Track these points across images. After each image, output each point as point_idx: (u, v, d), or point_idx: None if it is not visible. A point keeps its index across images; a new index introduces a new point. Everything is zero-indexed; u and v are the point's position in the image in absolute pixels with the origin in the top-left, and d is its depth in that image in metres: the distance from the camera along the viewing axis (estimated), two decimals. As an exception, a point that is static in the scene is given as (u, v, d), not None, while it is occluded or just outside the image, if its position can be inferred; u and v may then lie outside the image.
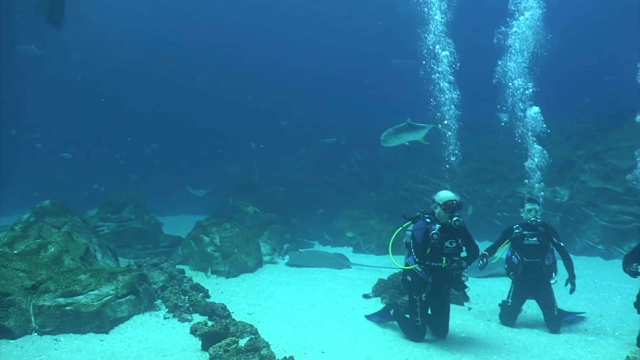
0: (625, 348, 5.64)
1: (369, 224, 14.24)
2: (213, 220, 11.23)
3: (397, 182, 18.14)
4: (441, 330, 6.06)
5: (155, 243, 11.68)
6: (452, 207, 5.70)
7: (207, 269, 9.35)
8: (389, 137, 8.18)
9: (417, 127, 8.09)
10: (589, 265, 11.52)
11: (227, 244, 9.87)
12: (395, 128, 8.17)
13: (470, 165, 17.00)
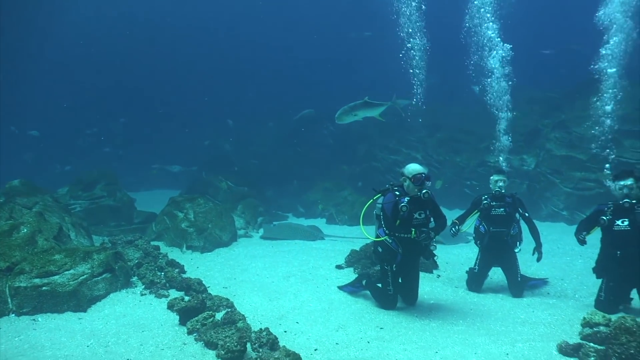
0: (583, 310, 5.96)
1: (341, 196, 14.44)
2: (186, 195, 11.27)
3: (369, 153, 18.33)
4: (411, 298, 6.32)
5: (128, 220, 11.67)
6: (420, 180, 5.89)
7: (182, 245, 9.43)
8: (343, 115, 8.25)
9: (373, 105, 8.19)
10: (553, 231, 11.94)
11: (201, 219, 9.95)
12: (351, 105, 8.25)
13: (440, 135, 17.26)
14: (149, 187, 20.96)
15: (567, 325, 5.61)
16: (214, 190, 14.60)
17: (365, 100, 8.24)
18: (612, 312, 5.94)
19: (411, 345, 5.06)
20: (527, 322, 5.74)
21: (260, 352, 4.59)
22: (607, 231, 6.04)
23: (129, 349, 4.82)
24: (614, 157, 12.23)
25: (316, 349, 4.94)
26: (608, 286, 6.15)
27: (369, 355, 4.79)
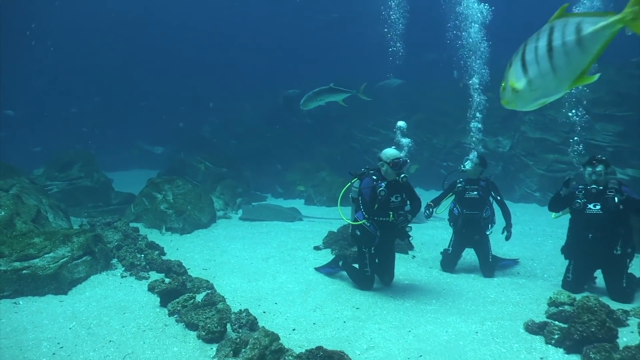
0: (551, 289, 6.19)
1: (319, 177, 14.57)
2: (165, 177, 11.27)
3: (347, 134, 18.45)
4: (387, 278, 6.53)
5: (106, 201, 11.66)
6: (399, 164, 6.05)
7: (161, 227, 9.48)
8: (309, 101, 8.44)
9: (338, 91, 8.35)
10: (525, 212, 12.27)
11: (180, 200, 10.00)
12: (316, 91, 8.43)
13: (418, 116, 17.43)
14: (126, 167, 20.85)
15: (535, 304, 5.86)
16: (192, 171, 14.64)
17: (330, 86, 8.41)
18: (578, 291, 6.22)
19: (386, 324, 5.25)
20: (496, 302, 5.99)
21: (240, 333, 4.74)
22: (579, 214, 6.24)
23: (111, 330, 4.92)
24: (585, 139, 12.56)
25: (294, 329, 5.11)
26: (576, 267, 6.41)
27: (345, 335, 4.98)
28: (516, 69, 2.88)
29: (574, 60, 2.68)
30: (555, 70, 2.74)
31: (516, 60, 2.90)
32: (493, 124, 15.82)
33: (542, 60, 2.77)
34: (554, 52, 2.71)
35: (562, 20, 2.70)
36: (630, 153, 12.84)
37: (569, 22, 2.67)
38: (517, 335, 4.97)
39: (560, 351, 4.60)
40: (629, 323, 5.22)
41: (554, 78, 2.78)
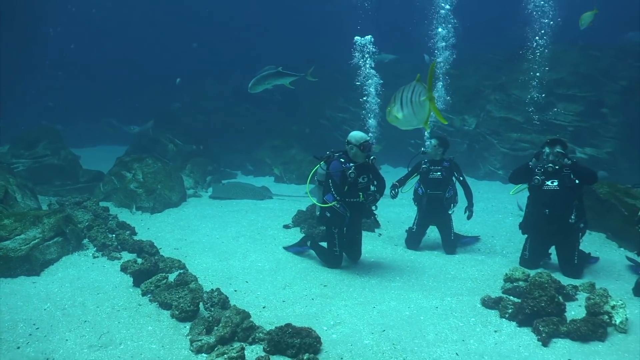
0: (508, 265, 6.53)
1: (289, 154, 14.68)
2: (134, 155, 11.24)
3: (317, 111, 18.52)
4: (354, 256, 6.81)
5: (74, 179, 11.54)
6: (368, 147, 6.27)
7: (131, 206, 9.52)
8: (257, 84, 8.57)
9: (285, 75, 8.53)
10: (489, 189, 12.69)
11: (150, 179, 10.02)
12: (264, 75, 8.57)
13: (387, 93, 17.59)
14: (93, 143, 20.57)
15: (492, 280, 6.21)
16: (161, 148, 14.56)
17: (278, 70, 8.58)
18: (534, 267, 6.60)
19: (352, 301, 5.52)
20: (456, 278, 6.32)
21: (212, 311, 4.94)
22: (537, 190, 6.56)
23: (86, 311, 5.05)
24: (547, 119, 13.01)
25: (264, 306, 5.33)
26: (532, 244, 6.78)
27: (313, 312, 5.22)
28: (397, 106, 4.54)
29: (419, 111, 4.37)
30: (415, 113, 4.42)
31: (397, 100, 4.55)
32: (460, 102, 16.13)
33: (408, 106, 4.42)
34: (412, 103, 4.39)
35: (418, 85, 4.36)
36: (589, 132, 13.34)
37: (418, 87, 4.35)
38: (474, 310, 5.30)
39: (513, 324, 4.95)
40: (578, 297, 5.60)
41: (415, 117, 4.46)
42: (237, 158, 16.16)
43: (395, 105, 4.50)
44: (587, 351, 4.44)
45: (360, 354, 4.32)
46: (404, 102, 4.44)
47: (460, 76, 15.51)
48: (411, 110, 4.37)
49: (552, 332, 4.63)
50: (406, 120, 4.52)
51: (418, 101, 4.32)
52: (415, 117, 4.41)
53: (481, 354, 4.39)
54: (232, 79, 21.11)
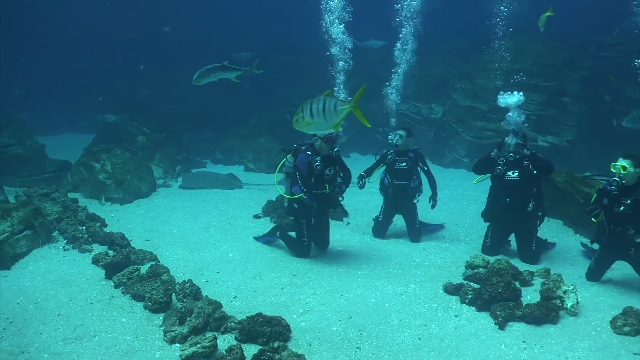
0: (471, 252, 6.82)
1: (259, 143, 14.74)
2: (102, 145, 11.13)
3: (286, 99, 18.57)
4: (323, 245, 7.01)
5: (40, 169, 11.38)
6: (332, 139, 6.44)
7: (100, 197, 9.49)
8: (201, 77, 8.66)
9: (230, 68, 8.67)
10: (454, 177, 13.00)
11: (119, 170, 9.99)
12: (209, 68, 8.68)
13: (355, 81, 17.73)
14: (58, 131, 20.17)
15: (454, 267, 6.50)
16: (129, 137, 14.39)
17: (223, 64, 8.73)
18: (495, 254, 6.93)
19: (320, 289, 5.72)
20: (421, 265, 6.58)
21: (184, 302, 5.07)
22: (499, 180, 6.86)
23: (59, 304, 5.12)
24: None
25: (235, 296, 5.49)
26: (494, 232, 7.09)
27: (283, 300, 5.41)
28: (307, 114, 5.34)
29: (332, 117, 5.26)
30: (326, 120, 5.30)
31: (307, 109, 5.34)
32: (427, 91, 16.45)
33: (320, 114, 5.29)
34: (325, 112, 5.25)
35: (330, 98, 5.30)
36: (551, 121, 13.77)
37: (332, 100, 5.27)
38: (437, 296, 5.57)
39: (473, 309, 5.23)
40: (534, 283, 5.93)
41: (326, 123, 5.33)
42: (206, 147, 16.10)
43: (304, 114, 5.38)
44: (540, 333, 4.75)
45: (327, 340, 4.54)
46: (314, 112, 5.34)
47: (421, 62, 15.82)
48: (322, 118, 5.32)
49: (508, 316, 4.92)
50: (315, 126, 5.50)
51: (333, 110, 5.28)
52: (325, 123, 5.38)
53: (442, 337, 4.65)
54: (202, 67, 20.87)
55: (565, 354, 4.39)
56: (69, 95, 21.88)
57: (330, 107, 5.24)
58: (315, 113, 5.28)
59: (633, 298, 5.56)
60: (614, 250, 5.83)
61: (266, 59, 19.54)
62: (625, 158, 5.52)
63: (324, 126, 5.42)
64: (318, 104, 5.27)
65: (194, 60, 21.44)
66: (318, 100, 5.29)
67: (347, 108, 5.18)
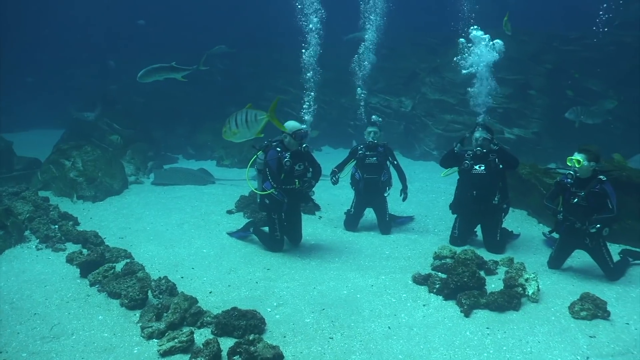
0: (439, 243, 7.07)
1: (231, 137, 14.72)
2: (72, 143, 11.02)
3: (258, 93, 18.59)
4: (295, 240, 7.17)
5: (8, 167, 11.20)
6: (301, 135, 6.59)
7: (72, 195, 9.44)
8: (147, 74, 8.73)
9: (178, 69, 8.80)
10: (424, 170, 13.27)
11: (90, 167, 9.94)
12: (156, 67, 8.78)
13: (327, 75, 17.85)
14: (24, 127, 19.81)
15: (423, 258, 6.72)
16: (99, 133, 14.24)
17: (171, 65, 8.86)
18: (462, 244, 7.19)
19: (294, 282, 5.88)
20: (391, 257, 6.80)
21: (161, 299, 5.17)
22: (466, 174, 7.12)
23: (34, 304, 5.16)
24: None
25: (211, 291, 5.60)
26: (461, 223, 7.35)
27: (258, 294, 5.55)
28: (233, 125, 6.12)
29: (254, 126, 6.08)
30: (249, 129, 6.10)
31: (232, 121, 6.13)
32: (397, 85, 16.69)
33: (243, 125, 6.08)
34: (247, 122, 6.06)
35: (252, 110, 6.12)
36: (517, 114, 14.14)
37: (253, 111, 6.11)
38: (406, 286, 5.79)
39: (440, 298, 5.46)
40: (498, 271, 6.19)
41: (249, 131, 6.12)
42: (178, 142, 16.06)
43: (230, 125, 6.17)
44: (503, 320, 5.00)
45: (301, 332, 4.70)
46: (238, 122, 6.11)
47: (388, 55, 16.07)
48: (246, 127, 6.10)
49: (473, 304, 5.16)
50: (241, 135, 6.22)
51: (254, 120, 6.08)
52: (249, 131, 6.15)
53: (410, 326, 4.86)
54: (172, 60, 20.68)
55: (526, 338, 4.65)
56: (36, 92, 21.46)
57: (251, 118, 6.08)
58: (239, 124, 6.10)
59: (591, 284, 5.87)
60: (571, 240, 6.12)
61: (238, 53, 19.58)
62: (580, 152, 5.80)
63: (248, 134, 6.20)
64: (241, 116, 6.09)
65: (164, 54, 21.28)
66: (241, 112, 6.11)
67: (266, 117, 6.07)
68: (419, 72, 16.52)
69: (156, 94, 18.77)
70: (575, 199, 5.84)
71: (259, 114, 6.08)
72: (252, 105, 6.27)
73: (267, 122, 6.13)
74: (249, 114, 6.10)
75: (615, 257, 6.29)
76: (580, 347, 4.50)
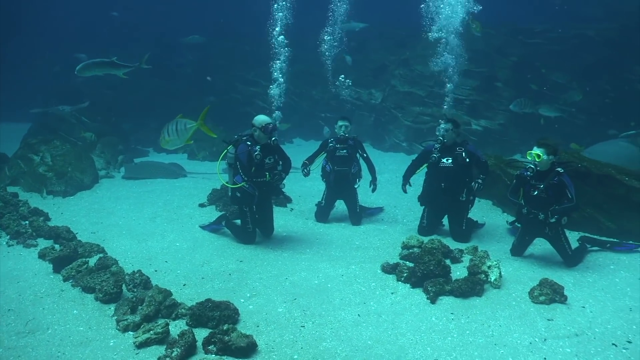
0: (407, 233, 7.28)
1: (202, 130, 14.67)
2: (41, 137, 10.91)
3: (229, 85, 18.57)
4: (267, 232, 7.30)
5: (-26, 162, 11.08)
6: (269, 129, 6.71)
7: (41, 190, 9.36)
8: (86, 69, 8.75)
9: (119, 65, 8.90)
10: (394, 161, 13.51)
11: (59, 162, 9.87)
12: (97, 62, 8.86)
13: (297, 67, 17.92)
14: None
15: (392, 248, 6.94)
16: (67, 127, 14.03)
17: (112, 60, 8.97)
18: (430, 234, 7.44)
19: (266, 274, 6.02)
20: (360, 247, 7.00)
21: (135, 292, 5.25)
22: (434, 167, 7.36)
23: (8, 300, 5.18)
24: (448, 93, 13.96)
25: (185, 284, 5.70)
26: (429, 213, 7.59)
27: (231, 286, 5.67)
28: (166, 134, 7.03)
29: (184, 134, 6.95)
30: (179, 137, 6.98)
31: (165, 130, 7.05)
32: (367, 77, 16.88)
33: (174, 133, 6.96)
34: (178, 131, 6.94)
35: (182, 120, 7.03)
36: (484, 106, 14.49)
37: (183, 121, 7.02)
38: (375, 275, 5.99)
39: (407, 286, 5.68)
40: (463, 259, 6.45)
41: (179, 139, 7.01)
42: (147, 134, 15.89)
43: (164, 134, 7.05)
44: (467, 305, 5.24)
45: (274, 321, 4.85)
46: (170, 131, 6.98)
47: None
48: (176, 135, 6.99)
49: (438, 291, 5.39)
50: (173, 143, 7.07)
51: (184, 129, 6.97)
52: (179, 139, 7.03)
53: (379, 313, 5.06)
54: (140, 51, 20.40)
55: (488, 322, 4.89)
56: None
57: (181, 127, 6.99)
58: (171, 132, 6.99)
59: (550, 270, 6.17)
60: (532, 229, 6.41)
61: (208, 44, 19.48)
62: (539, 147, 6.07)
63: (179, 142, 7.10)
64: (172, 126, 7.00)
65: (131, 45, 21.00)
66: (173, 122, 7.02)
67: (195, 126, 7.02)
68: (388, 64, 16.73)
69: (124, 86, 18.50)
70: (535, 191, 6.11)
71: (188, 123, 6.99)
72: (182, 115, 7.16)
73: (196, 130, 7.08)
74: (179, 123, 6.99)
75: (574, 244, 6.63)
76: (538, 330, 4.77)
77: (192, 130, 6.98)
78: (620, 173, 7.38)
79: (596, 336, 4.66)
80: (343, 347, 4.42)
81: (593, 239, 7.03)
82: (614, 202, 7.40)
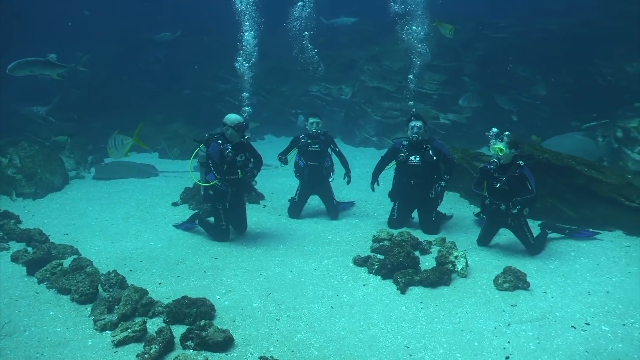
0: (378, 227, 7.50)
1: (172, 129, 14.66)
2: (7, 139, 10.73)
3: (198, 82, 18.49)
4: (241, 229, 7.41)
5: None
6: (242, 127, 6.81)
7: (11, 193, 9.26)
8: (19, 67, 8.53)
9: (55, 65, 8.83)
10: (364, 156, 13.70)
11: (28, 164, 9.77)
12: (30, 61, 8.62)
13: (267, 64, 17.95)
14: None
15: (363, 241, 7.12)
16: (35, 127, 13.86)
17: (47, 59, 8.91)
18: (401, 227, 7.65)
19: (241, 270, 6.14)
20: (333, 242, 7.17)
21: (111, 292, 5.31)
22: (403, 164, 7.57)
23: (-18, 303, 5.20)
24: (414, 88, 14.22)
25: (160, 282, 5.79)
26: (399, 207, 7.81)
27: (206, 283, 5.78)
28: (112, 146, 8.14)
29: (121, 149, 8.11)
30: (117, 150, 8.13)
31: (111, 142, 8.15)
32: (336, 72, 17.01)
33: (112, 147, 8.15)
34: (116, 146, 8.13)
35: (119, 136, 8.16)
36: (451, 100, 14.75)
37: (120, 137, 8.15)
38: (347, 268, 6.17)
39: (378, 278, 5.87)
40: (432, 251, 6.68)
41: (117, 152, 8.16)
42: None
43: (108, 148, 8.25)
44: (435, 294, 5.47)
45: (249, 316, 4.99)
46: (109, 146, 8.16)
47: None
48: (115, 150, 8.14)
49: (408, 281, 5.60)
50: (115, 155, 8.26)
51: (121, 144, 8.09)
52: (118, 153, 8.15)
53: (352, 305, 5.24)
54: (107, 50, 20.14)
55: (455, 310, 5.12)
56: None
57: (118, 142, 8.10)
58: (110, 147, 8.15)
59: (514, 259, 6.45)
60: (496, 220, 6.68)
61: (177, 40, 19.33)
62: (501, 141, 6.32)
63: (118, 155, 8.21)
64: (112, 141, 8.12)
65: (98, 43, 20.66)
66: (112, 138, 8.14)
67: (131, 141, 8.13)
68: (357, 59, 16.90)
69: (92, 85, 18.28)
70: (497, 183, 6.38)
71: (125, 139, 8.13)
72: (118, 131, 8.30)
73: (132, 144, 8.22)
74: (117, 139, 8.11)
75: (536, 230, 6.93)
76: (503, 315, 5.02)
77: (129, 145, 8.16)
78: (579, 164, 7.71)
79: (557, 319, 4.93)
80: (317, 338, 4.59)
81: (553, 225, 7.35)
82: (575, 191, 7.73)
